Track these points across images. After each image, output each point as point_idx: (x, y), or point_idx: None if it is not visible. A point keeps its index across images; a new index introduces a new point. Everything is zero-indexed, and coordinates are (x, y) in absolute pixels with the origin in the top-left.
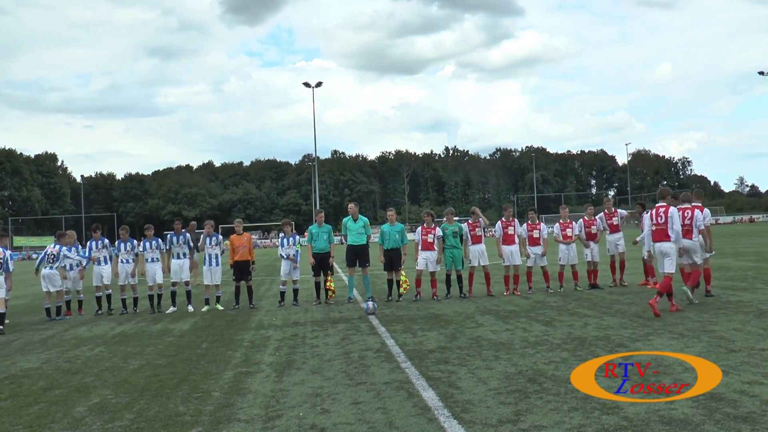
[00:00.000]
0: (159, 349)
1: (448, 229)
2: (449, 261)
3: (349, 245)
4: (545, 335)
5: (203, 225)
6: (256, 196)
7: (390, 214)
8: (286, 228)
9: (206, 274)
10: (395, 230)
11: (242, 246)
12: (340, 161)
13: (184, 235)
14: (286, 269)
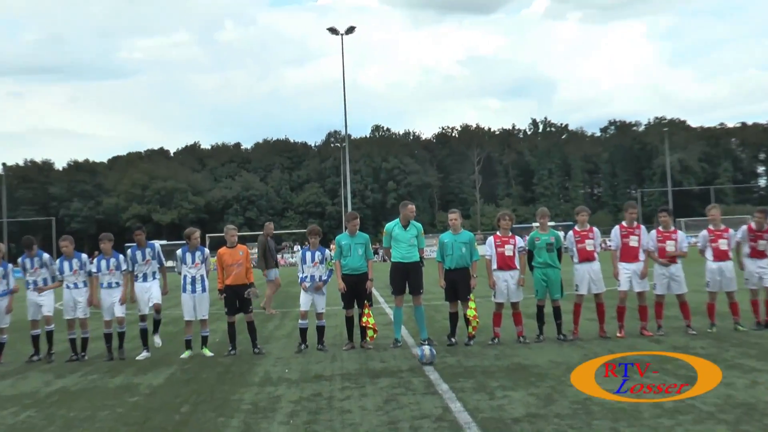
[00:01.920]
0: (118, 413)
1: (540, 240)
2: (542, 286)
3: (396, 263)
4: (690, 398)
5: (184, 235)
6: (261, 192)
7: (453, 218)
8: (312, 238)
9: (186, 304)
10: (461, 241)
11: (236, 264)
12: (381, 142)
13: (152, 248)
14: (309, 298)
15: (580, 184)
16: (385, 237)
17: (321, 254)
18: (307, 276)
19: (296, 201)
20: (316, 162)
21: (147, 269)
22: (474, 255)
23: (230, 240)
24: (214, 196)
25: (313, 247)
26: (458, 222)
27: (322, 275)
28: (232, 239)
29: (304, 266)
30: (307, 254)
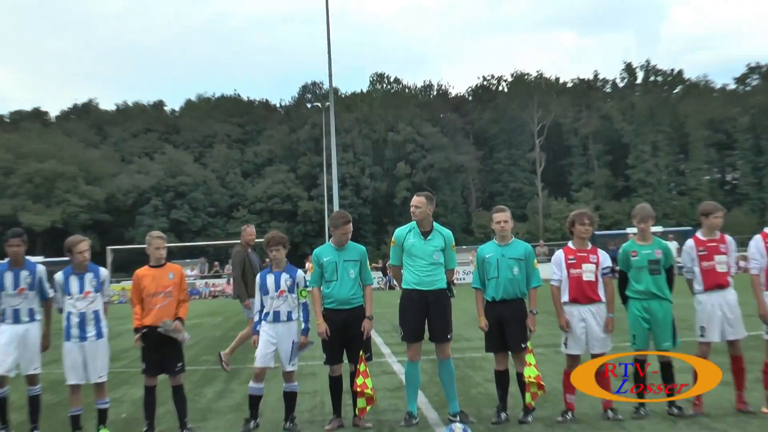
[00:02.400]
0: None
1: (640, 255)
2: (642, 329)
3: (409, 292)
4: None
5: (65, 248)
6: (196, 178)
7: (501, 221)
8: (274, 250)
9: (71, 359)
10: (512, 257)
11: (163, 293)
12: (387, 100)
13: (31, 270)
14: (268, 349)
15: (703, 167)
16: (394, 250)
17: (290, 277)
18: (269, 313)
19: (251, 193)
20: (282, 132)
21: (21, 304)
22: (533, 279)
23: (155, 255)
24: (121, 185)
25: (276, 267)
26: (509, 227)
27: (292, 312)
28: (159, 254)
29: (265, 298)
30: (267, 278)
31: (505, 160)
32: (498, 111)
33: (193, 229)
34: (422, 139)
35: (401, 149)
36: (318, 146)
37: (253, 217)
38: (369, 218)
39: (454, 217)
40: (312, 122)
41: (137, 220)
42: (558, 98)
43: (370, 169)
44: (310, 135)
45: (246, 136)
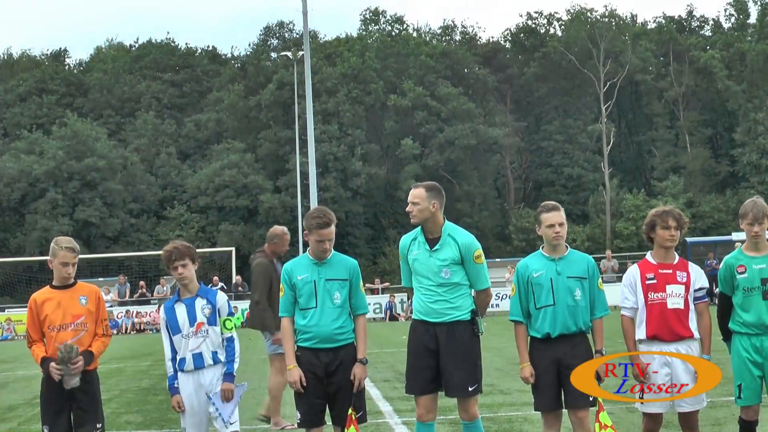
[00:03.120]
0: None
1: (749, 273)
2: (751, 379)
3: (416, 323)
4: None
5: None
6: (111, 161)
7: (554, 223)
8: (180, 266)
9: None
10: (571, 275)
11: (72, 325)
12: (385, 48)
13: None
14: (197, 409)
15: None
16: (402, 264)
17: (209, 303)
18: (185, 360)
19: (191, 183)
20: (236, 94)
21: None
22: (598, 306)
23: (61, 272)
24: (2, 170)
25: (185, 292)
26: (564, 232)
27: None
28: (66, 271)
29: (177, 338)
30: (176, 310)
31: (557, 135)
32: (547, 64)
33: (107, 234)
34: (438, 105)
35: (407, 119)
36: (287, 115)
37: (194, 217)
38: (362, 218)
39: (484, 216)
40: (279, 80)
41: (27, 221)
42: (635, 45)
43: (363, 147)
44: (275, 99)
45: (183, 100)
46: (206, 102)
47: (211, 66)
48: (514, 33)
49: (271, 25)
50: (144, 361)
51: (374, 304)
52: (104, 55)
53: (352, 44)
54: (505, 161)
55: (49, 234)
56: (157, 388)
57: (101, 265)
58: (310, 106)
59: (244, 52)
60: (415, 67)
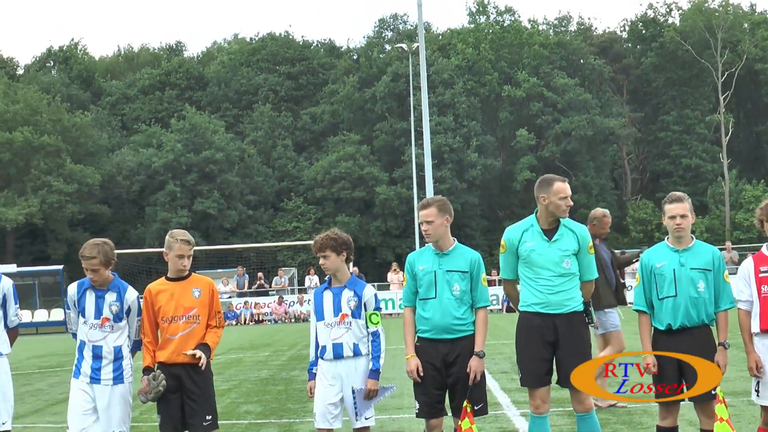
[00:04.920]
0: None
1: None
2: None
3: (527, 315)
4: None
5: (81, 255)
6: (229, 154)
7: (677, 214)
8: (327, 256)
9: (78, 404)
10: (695, 266)
11: (185, 317)
12: (502, 38)
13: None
14: (330, 400)
15: None
16: (505, 257)
17: (355, 295)
18: (325, 348)
19: (308, 174)
20: (352, 86)
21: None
22: (723, 298)
23: (176, 265)
24: (122, 163)
25: (335, 281)
26: (688, 223)
27: (359, 344)
28: (181, 263)
29: (320, 326)
30: (323, 297)
31: (674, 126)
32: (665, 54)
33: (225, 226)
34: (553, 96)
35: (523, 110)
36: (403, 107)
37: (310, 209)
38: (477, 210)
39: (601, 207)
40: (393, 72)
41: (146, 213)
42: (753, 34)
43: (478, 138)
44: (390, 90)
45: (300, 92)
46: (322, 94)
47: (327, 58)
48: (631, 23)
49: (386, 18)
50: (263, 351)
51: (492, 296)
52: (223, 48)
53: (466, 36)
54: (622, 152)
55: (168, 226)
56: (276, 379)
57: (219, 256)
58: (426, 97)
59: (358, 44)
60: (529, 58)
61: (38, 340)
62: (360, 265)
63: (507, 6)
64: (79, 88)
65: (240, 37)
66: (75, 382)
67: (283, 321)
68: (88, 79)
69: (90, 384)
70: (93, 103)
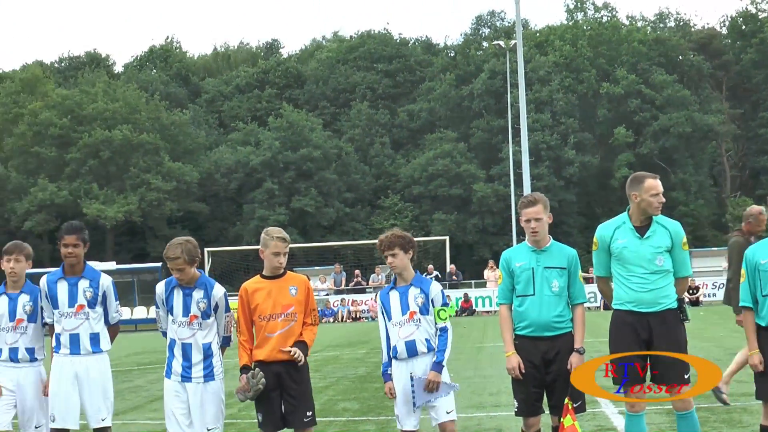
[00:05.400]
0: None
1: None
2: None
3: (621, 313)
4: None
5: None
6: (326, 151)
7: None
8: (394, 254)
9: (173, 405)
10: None
11: (282, 315)
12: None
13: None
14: (410, 402)
15: None
16: (598, 255)
17: (422, 293)
18: (397, 348)
19: (405, 172)
20: (449, 84)
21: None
22: None
23: (272, 262)
24: (220, 161)
25: (400, 280)
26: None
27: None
28: (277, 261)
29: (389, 324)
30: (390, 297)
31: None
32: (766, 50)
33: (323, 223)
34: (652, 92)
35: (621, 107)
36: (500, 104)
37: (408, 206)
38: (574, 207)
39: (700, 204)
40: (490, 69)
41: (244, 210)
42: None
43: (576, 136)
44: (487, 88)
45: (397, 90)
46: (419, 92)
47: (424, 56)
48: (731, 19)
49: (483, 15)
50: (360, 348)
51: (588, 293)
52: (321, 46)
53: (563, 32)
54: (721, 149)
55: (265, 223)
56: (374, 376)
57: (317, 253)
58: (523, 95)
59: (455, 41)
60: (628, 55)
61: (137, 337)
62: (457, 262)
63: (605, 2)
64: (178, 86)
65: (338, 35)
66: (167, 382)
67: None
68: (186, 78)
69: (182, 382)
70: (191, 101)
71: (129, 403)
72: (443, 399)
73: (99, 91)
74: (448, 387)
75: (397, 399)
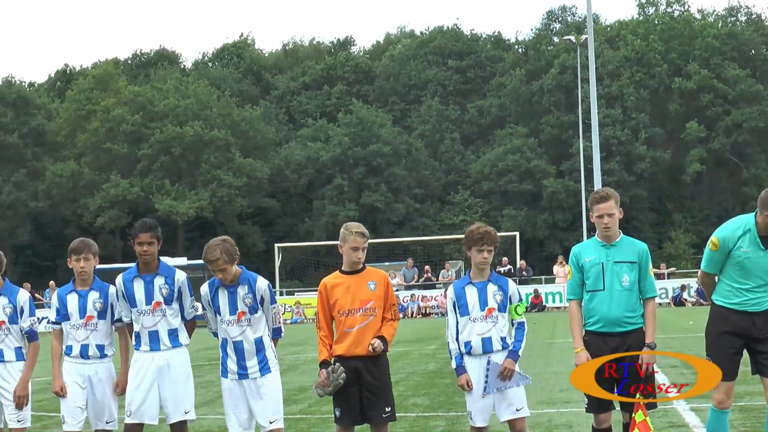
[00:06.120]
0: None
1: None
2: None
3: (722, 310)
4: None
5: (205, 258)
6: (397, 147)
7: None
8: (490, 250)
9: (232, 404)
10: None
11: (361, 310)
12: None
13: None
14: (484, 395)
15: None
16: (714, 255)
17: (500, 290)
18: (470, 344)
19: (475, 168)
20: (518, 79)
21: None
22: None
23: (352, 257)
24: (291, 157)
25: (479, 276)
26: None
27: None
28: (357, 256)
29: (464, 320)
30: (466, 292)
31: None
32: None
33: (392, 219)
34: (724, 87)
35: (692, 102)
36: (570, 99)
37: (477, 202)
38: (646, 203)
39: None
40: (560, 64)
41: (314, 206)
42: None
43: (647, 131)
44: (557, 83)
45: (467, 86)
46: (489, 87)
47: (495, 51)
48: None
49: (554, 10)
50: (430, 344)
51: (660, 289)
52: (392, 42)
53: (635, 27)
54: None
55: (336, 219)
56: (444, 372)
57: (386, 249)
58: (594, 90)
59: (526, 36)
60: (700, 49)
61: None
62: (526, 258)
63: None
64: (251, 83)
65: (408, 30)
66: (225, 381)
67: None
68: (258, 74)
69: (239, 380)
70: (261, 97)
71: (200, 398)
72: (515, 395)
73: (170, 88)
74: (521, 378)
75: (471, 394)
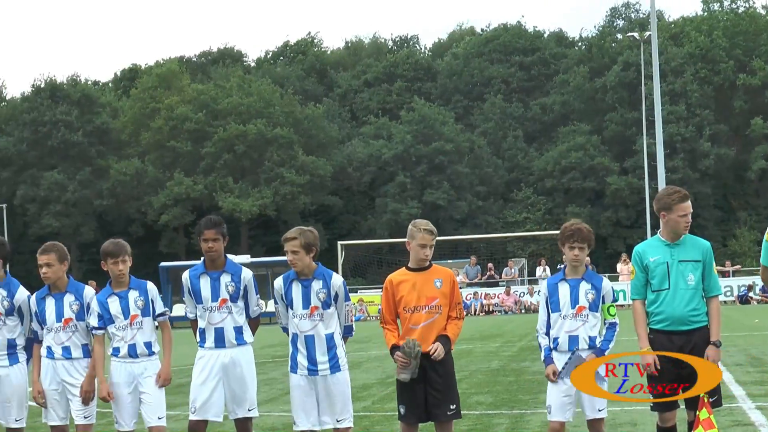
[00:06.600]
0: None
1: None
2: None
3: None
4: None
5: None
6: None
7: None
8: (582, 248)
9: (301, 399)
10: None
11: (427, 307)
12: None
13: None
14: (565, 389)
15: None
16: None
17: (593, 288)
18: (558, 340)
19: (538, 165)
20: (582, 76)
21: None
22: None
23: (419, 255)
24: (353, 154)
25: (573, 273)
26: None
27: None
28: (424, 253)
29: (556, 317)
30: (558, 288)
31: None
32: None
33: (455, 216)
34: None
35: (757, 98)
36: (634, 96)
37: (540, 199)
38: (710, 200)
39: None
40: (624, 61)
41: (377, 204)
42: None
43: (712, 128)
44: (621, 80)
45: (530, 83)
46: (552, 84)
47: (558, 48)
48: None
49: (618, 6)
50: (493, 342)
51: (725, 287)
52: (455, 39)
53: (699, 23)
54: None
55: (398, 217)
56: (507, 370)
57: (450, 247)
58: (658, 86)
59: (590, 33)
60: (765, 45)
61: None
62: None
63: None
64: (315, 81)
65: (469, 26)
66: (294, 377)
67: (512, 312)
68: (322, 72)
69: (309, 376)
70: (324, 95)
71: (263, 395)
72: None
73: (233, 86)
74: None
75: (554, 389)
